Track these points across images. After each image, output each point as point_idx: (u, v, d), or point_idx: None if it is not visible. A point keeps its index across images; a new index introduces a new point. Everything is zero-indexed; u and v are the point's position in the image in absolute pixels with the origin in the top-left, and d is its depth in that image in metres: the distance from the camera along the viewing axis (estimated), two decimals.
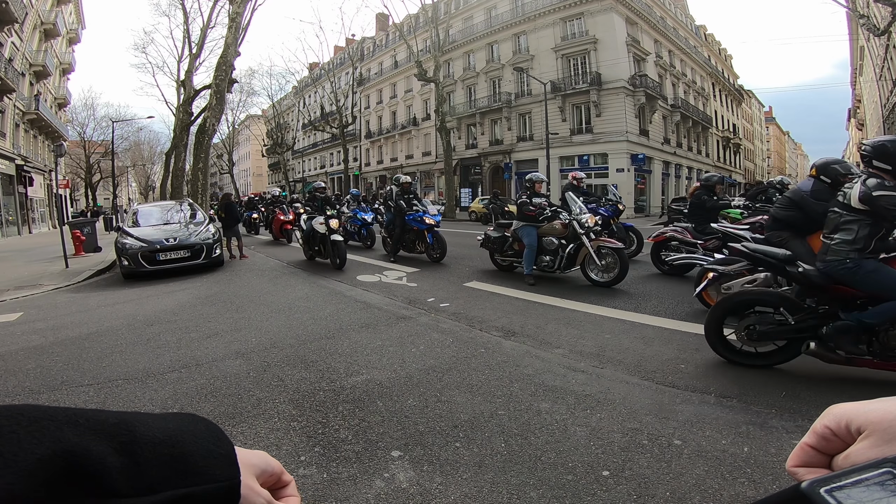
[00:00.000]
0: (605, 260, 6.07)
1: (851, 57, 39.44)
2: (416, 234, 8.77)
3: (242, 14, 13.57)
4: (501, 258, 7.28)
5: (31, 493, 0.27)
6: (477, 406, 2.82)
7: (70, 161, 39.57)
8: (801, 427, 2.45)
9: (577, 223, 6.15)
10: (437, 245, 8.49)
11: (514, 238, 6.91)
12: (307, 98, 52.62)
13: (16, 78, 21.89)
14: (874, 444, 0.33)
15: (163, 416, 0.38)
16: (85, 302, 6.59)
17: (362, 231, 11.58)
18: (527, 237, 6.52)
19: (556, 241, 6.37)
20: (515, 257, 6.99)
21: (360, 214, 11.74)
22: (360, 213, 11.79)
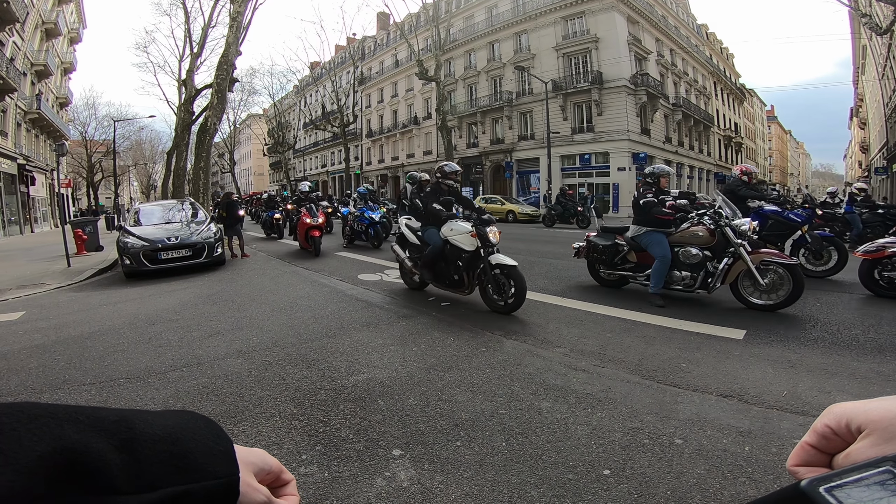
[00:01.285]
0: (769, 278, 4.78)
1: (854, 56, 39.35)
2: None
3: (243, 13, 13.58)
4: (609, 272, 5.98)
5: (31, 489, 0.28)
6: (478, 405, 2.82)
7: (72, 160, 39.68)
8: (803, 426, 2.44)
9: (730, 230, 4.90)
10: None
11: (631, 247, 5.67)
12: (308, 97, 52.66)
13: (17, 77, 21.93)
14: (874, 443, 0.33)
15: (162, 414, 0.38)
16: (87, 301, 6.61)
17: (370, 230, 11.09)
18: (657, 247, 5.25)
19: (698, 251, 5.09)
20: (636, 271, 5.69)
21: (367, 213, 11.17)
22: (367, 212, 11.21)
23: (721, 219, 5.00)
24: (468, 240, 5.04)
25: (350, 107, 40.68)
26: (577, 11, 28.43)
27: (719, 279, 4.93)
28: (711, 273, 5.00)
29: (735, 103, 48.84)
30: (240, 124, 49.48)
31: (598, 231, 6.28)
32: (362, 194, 13.14)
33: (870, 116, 37.28)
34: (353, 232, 11.48)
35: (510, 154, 31.58)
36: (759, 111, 65.30)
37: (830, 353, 3.59)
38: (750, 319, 4.51)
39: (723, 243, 4.99)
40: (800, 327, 4.26)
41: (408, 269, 6.05)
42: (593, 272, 6.23)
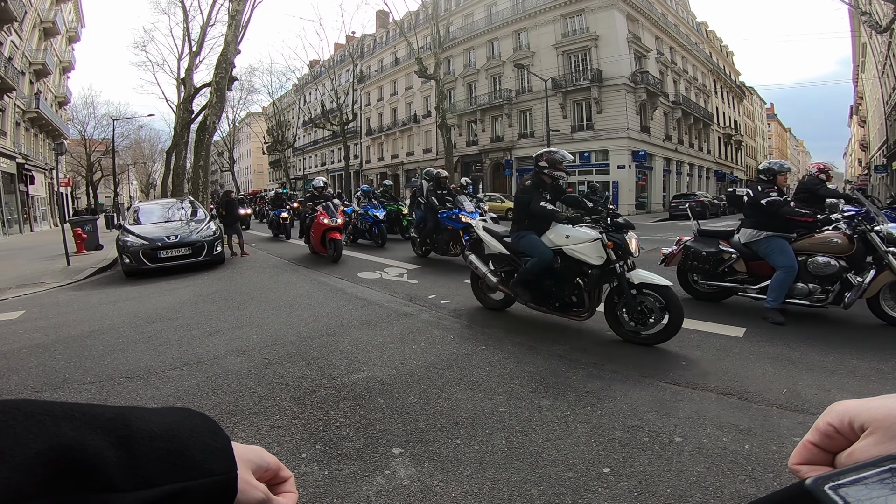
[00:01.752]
0: None
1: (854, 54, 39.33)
2: (451, 235, 7.88)
3: (242, 12, 13.55)
4: (709, 283, 5.03)
5: (28, 487, 0.27)
6: (478, 403, 2.82)
7: (71, 159, 39.61)
8: (803, 424, 2.45)
9: (877, 236, 4.11)
10: None
11: (742, 255, 4.76)
12: (308, 95, 52.58)
13: (16, 76, 21.89)
14: (878, 442, 0.32)
15: (159, 411, 0.37)
16: (86, 300, 6.60)
17: (373, 229, 10.80)
18: (781, 255, 4.38)
19: (835, 262, 4.24)
20: (748, 282, 4.77)
21: (371, 211, 10.86)
22: (371, 210, 10.90)
23: (867, 223, 4.21)
24: (595, 250, 3.92)
25: (349, 105, 40.63)
26: (577, 9, 28.38)
27: (859, 292, 4.14)
28: (851, 285, 4.20)
29: (735, 101, 48.81)
30: (239, 123, 49.41)
31: (695, 234, 5.27)
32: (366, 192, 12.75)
33: (870, 114, 37.28)
34: (357, 230, 11.25)
35: (510, 152, 31.56)
36: (759, 109, 65.26)
37: (830, 350, 3.59)
38: (750, 317, 4.51)
39: (861, 251, 4.24)
40: (799, 325, 4.26)
41: (491, 285, 4.78)
42: (686, 282, 5.28)
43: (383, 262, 8.40)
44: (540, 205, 4.18)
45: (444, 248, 8.12)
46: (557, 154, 4.41)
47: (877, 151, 33.98)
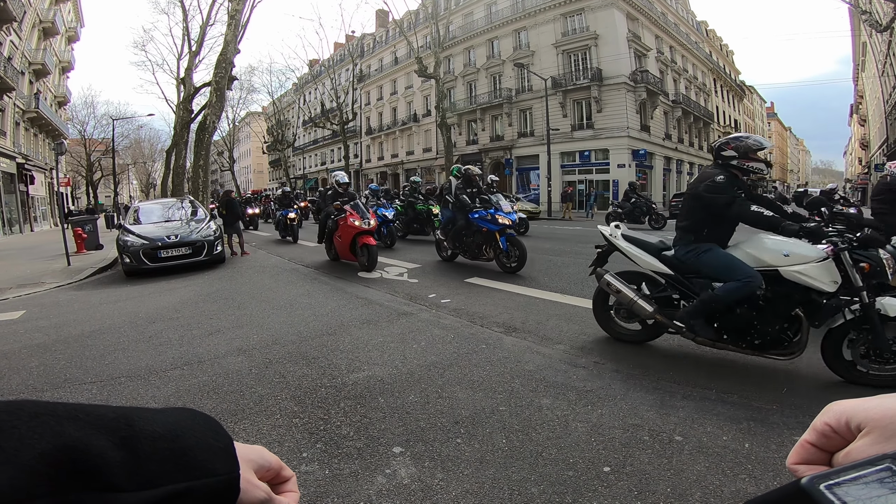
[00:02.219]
0: None
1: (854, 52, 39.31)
2: (484, 237, 7.11)
3: (242, 11, 13.54)
4: None
5: (32, 487, 0.28)
6: (478, 402, 2.83)
7: (71, 159, 39.63)
8: (802, 423, 2.45)
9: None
10: (515, 251, 6.77)
11: None
12: (307, 95, 52.56)
13: (15, 76, 21.88)
14: (874, 441, 0.33)
15: (162, 411, 0.38)
16: (87, 299, 6.61)
17: (382, 229, 10.27)
18: None
19: None
20: None
21: (380, 211, 10.43)
22: (380, 210, 10.47)
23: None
24: (828, 273, 2.87)
25: (349, 104, 40.60)
26: (577, 8, 28.37)
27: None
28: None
29: (735, 100, 48.78)
30: (239, 122, 49.39)
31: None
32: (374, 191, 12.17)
33: (870, 113, 37.26)
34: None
35: (510, 151, 31.55)
36: (759, 108, 65.24)
37: None
38: None
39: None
40: None
41: (644, 314, 3.53)
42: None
43: (384, 262, 8.39)
44: (752, 210, 3.02)
45: (476, 252, 7.34)
46: (752, 140, 3.24)
47: (877, 150, 33.95)
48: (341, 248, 7.93)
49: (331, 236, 8.40)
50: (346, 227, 7.60)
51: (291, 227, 12.69)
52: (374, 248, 7.39)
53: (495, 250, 7.01)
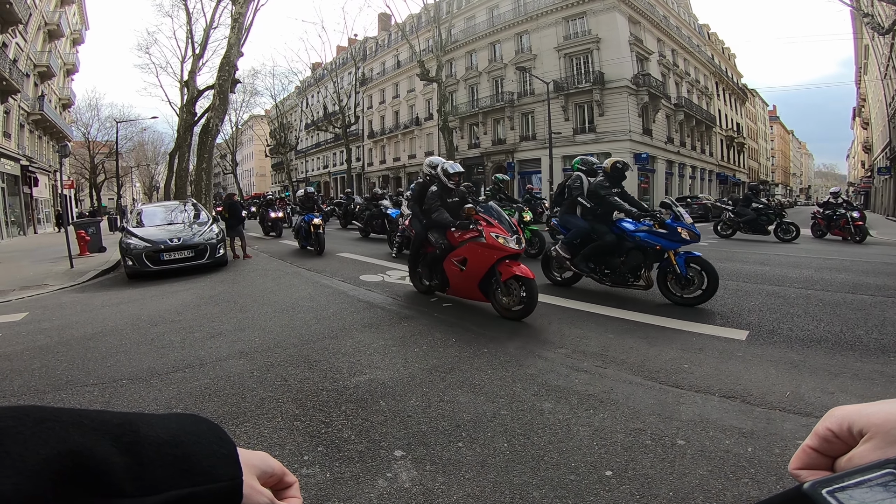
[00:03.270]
0: None
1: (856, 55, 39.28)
2: (645, 257, 5.37)
3: (245, 14, 13.61)
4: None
5: (37, 492, 0.28)
6: (480, 406, 2.82)
7: (74, 161, 39.83)
8: (806, 427, 2.44)
9: None
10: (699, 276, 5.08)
11: None
12: (310, 98, 52.76)
13: (20, 79, 22.01)
14: (877, 447, 0.33)
15: (166, 417, 0.38)
16: (90, 302, 6.63)
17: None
18: None
19: None
20: None
21: None
22: None
23: None
24: None
25: (352, 107, 40.75)
26: (579, 12, 28.44)
27: None
28: None
29: (737, 103, 48.76)
30: (242, 125, 49.59)
31: None
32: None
33: (872, 116, 37.19)
34: (405, 239, 8.43)
35: (512, 155, 31.58)
36: (762, 111, 65.21)
37: (833, 353, 3.58)
38: (753, 320, 4.50)
39: None
40: (802, 327, 4.25)
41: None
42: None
43: (385, 265, 8.40)
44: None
45: (625, 277, 5.48)
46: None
47: (880, 153, 33.87)
48: (462, 281, 5.05)
49: (438, 260, 5.44)
50: (478, 247, 4.85)
51: (317, 236, 10.27)
52: (533, 283, 4.55)
53: (663, 274, 5.25)
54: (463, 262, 5.00)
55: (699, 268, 5.02)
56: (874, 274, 6.87)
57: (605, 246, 5.54)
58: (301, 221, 10.91)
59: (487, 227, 4.85)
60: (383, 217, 12.46)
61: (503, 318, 4.75)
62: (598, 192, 5.63)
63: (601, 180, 5.71)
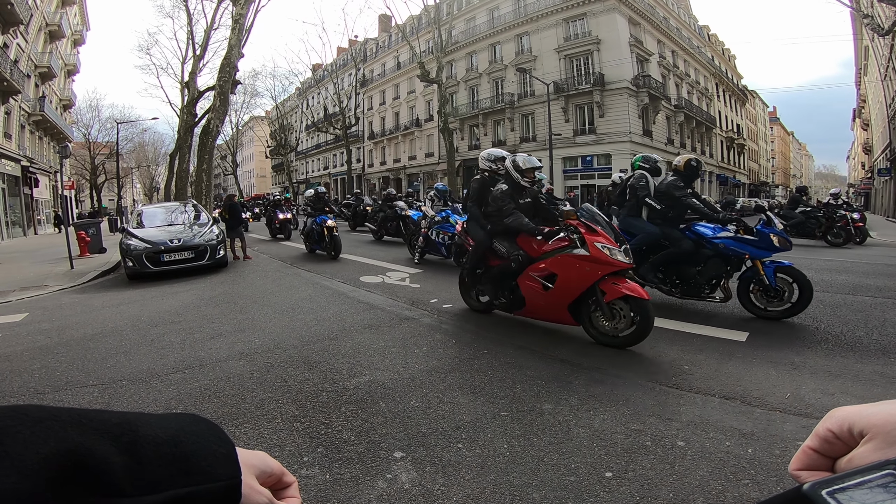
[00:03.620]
0: None
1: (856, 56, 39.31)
2: (725, 265, 4.77)
3: (245, 16, 13.62)
4: None
5: (36, 491, 0.28)
6: (479, 407, 2.82)
7: (75, 162, 39.85)
8: (807, 428, 2.43)
9: None
10: (790, 288, 4.56)
11: None
12: (310, 99, 52.79)
13: (21, 79, 22.04)
14: (877, 448, 0.33)
15: (165, 417, 0.38)
16: (89, 303, 6.63)
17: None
18: None
19: None
20: None
21: (454, 219, 8.10)
22: (453, 217, 8.19)
23: None
24: None
25: (352, 109, 40.77)
26: (579, 13, 28.47)
27: None
28: None
29: (737, 105, 48.80)
30: (242, 126, 49.61)
31: None
32: (441, 192, 9.56)
33: (872, 117, 37.21)
34: (428, 243, 8.54)
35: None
36: (762, 112, 65.24)
37: (834, 355, 3.57)
38: (753, 322, 4.50)
39: None
40: (803, 329, 4.25)
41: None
42: None
43: (385, 266, 8.40)
44: None
45: (700, 288, 4.85)
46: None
47: (880, 155, 33.88)
48: (547, 301, 4.10)
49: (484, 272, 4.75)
50: (575, 260, 3.89)
51: (332, 239, 9.49)
52: (648, 305, 3.68)
53: (745, 285, 4.69)
54: (549, 278, 4.04)
55: (790, 278, 4.50)
56: (874, 275, 6.87)
57: (680, 254, 4.88)
58: (312, 223, 10.14)
59: (590, 235, 3.88)
60: (399, 219, 11.86)
61: (502, 322, 4.74)
62: (673, 192, 5.00)
63: (674, 180, 5.09)
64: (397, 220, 11.98)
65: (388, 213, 12.45)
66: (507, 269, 4.39)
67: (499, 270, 4.49)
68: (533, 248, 4.28)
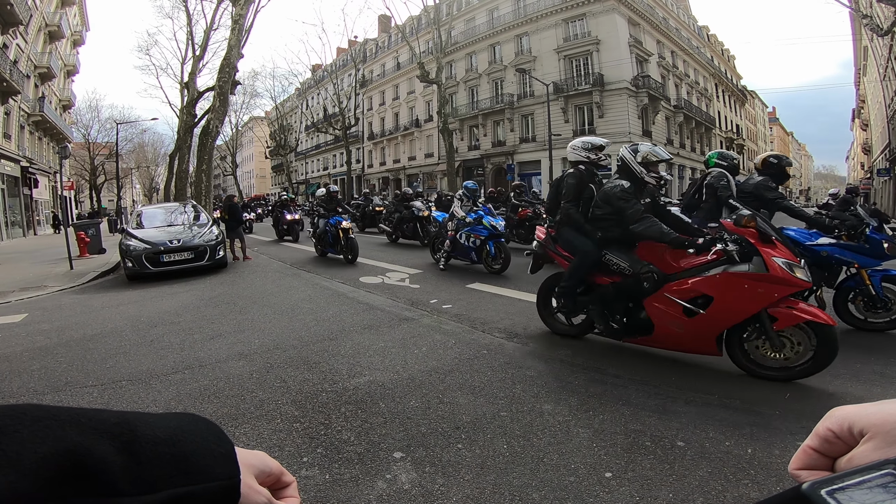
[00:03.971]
0: None
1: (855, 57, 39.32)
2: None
3: (245, 16, 13.62)
4: None
5: (34, 491, 0.28)
6: (479, 407, 2.82)
7: (75, 163, 39.81)
8: (805, 428, 2.42)
9: None
10: None
11: None
12: (310, 100, 52.81)
13: (21, 80, 22.03)
14: (877, 447, 0.33)
15: (163, 416, 0.38)
16: (89, 303, 6.62)
17: (487, 246, 7.43)
18: None
19: None
20: None
21: (487, 220, 7.51)
22: (487, 219, 7.54)
23: None
24: None
25: (351, 109, 40.76)
26: (578, 13, 28.48)
27: None
28: None
29: (737, 105, 48.82)
30: (242, 127, 49.60)
31: None
32: (471, 190, 8.26)
33: (872, 118, 37.24)
34: (456, 247, 7.91)
35: (512, 156, 31.57)
36: (761, 113, 65.30)
37: None
38: None
39: None
40: None
41: None
42: None
43: (385, 267, 8.40)
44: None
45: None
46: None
47: (879, 155, 33.92)
48: (691, 328, 3.34)
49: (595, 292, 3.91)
50: (744, 280, 3.15)
51: (348, 241, 8.94)
52: (833, 332, 3.10)
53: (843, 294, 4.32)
54: (695, 301, 3.29)
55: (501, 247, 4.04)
56: None
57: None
58: (325, 225, 9.57)
59: (766, 248, 3.12)
60: (415, 220, 11.54)
61: (501, 321, 4.75)
62: (764, 194, 4.37)
63: (764, 179, 4.47)
64: (414, 222, 11.65)
65: (405, 214, 11.95)
66: (631, 288, 3.57)
67: (617, 289, 3.67)
68: (666, 263, 3.51)
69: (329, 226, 9.45)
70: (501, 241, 7.41)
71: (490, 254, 7.42)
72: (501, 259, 7.23)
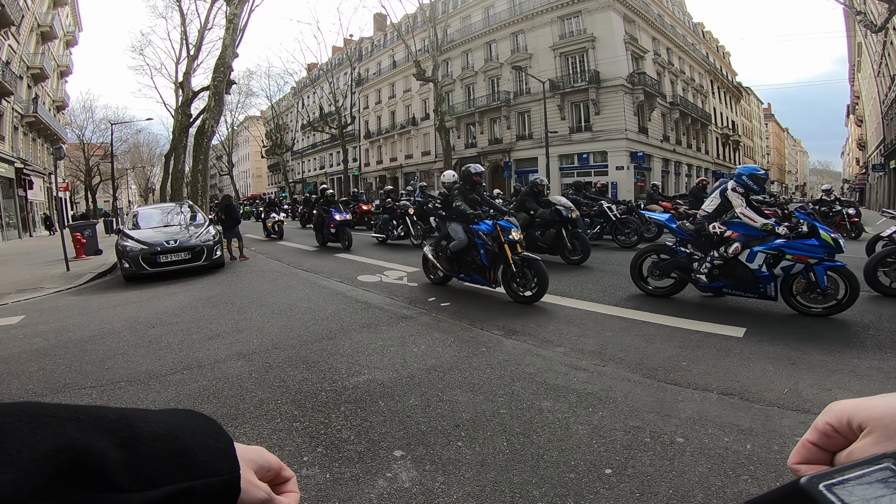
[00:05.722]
0: None
1: (849, 53, 39.45)
2: None
3: (240, 15, 13.57)
4: None
5: (33, 488, 0.28)
6: (479, 405, 2.82)
7: (69, 164, 39.58)
8: (805, 424, 2.45)
9: None
10: None
11: None
12: (306, 99, 52.62)
13: (13, 81, 21.90)
14: (876, 441, 0.33)
15: (162, 412, 0.38)
16: (86, 304, 6.59)
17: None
18: None
19: None
20: None
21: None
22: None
23: None
24: None
25: (348, 108, 40.66)
26: (574, 11, 28.46)
27: None
28: None
29: (732, 101, 48.89)
30: (237, 126, 49.39)
31: None
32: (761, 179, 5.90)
33: (866, 113, 37.38)
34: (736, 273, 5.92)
35: (508, 154, 31.58)
36: (757, 109, 65.43)
37: (831, 350, 3.59)
38: (750, 317, 4.51)
39: None
40: (800, 324, 4.27)
41: None
42: None
43: (383, 266, 8.39)
44: None
45: None
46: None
47: (874, 150, 34.05)
48: None
49: None
50: None
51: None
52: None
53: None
54: None
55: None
56: None
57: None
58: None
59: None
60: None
61: (501, 319, 4.75)
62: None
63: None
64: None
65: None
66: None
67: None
68: None
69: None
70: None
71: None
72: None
